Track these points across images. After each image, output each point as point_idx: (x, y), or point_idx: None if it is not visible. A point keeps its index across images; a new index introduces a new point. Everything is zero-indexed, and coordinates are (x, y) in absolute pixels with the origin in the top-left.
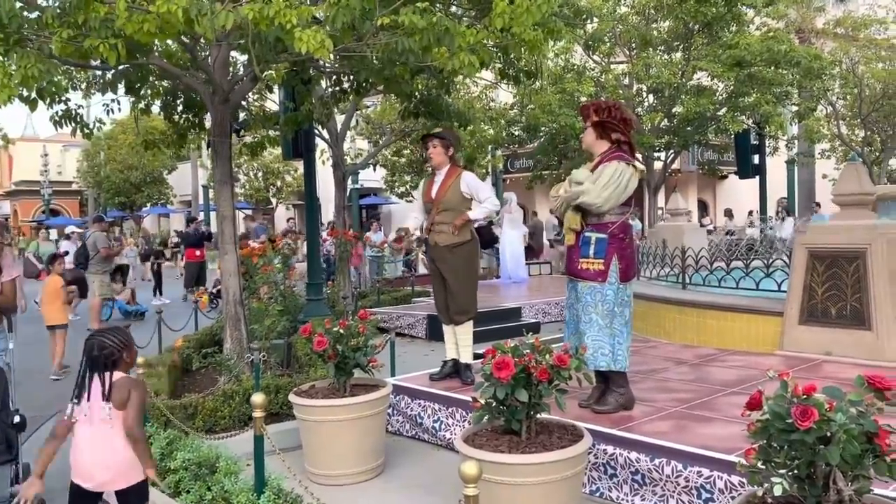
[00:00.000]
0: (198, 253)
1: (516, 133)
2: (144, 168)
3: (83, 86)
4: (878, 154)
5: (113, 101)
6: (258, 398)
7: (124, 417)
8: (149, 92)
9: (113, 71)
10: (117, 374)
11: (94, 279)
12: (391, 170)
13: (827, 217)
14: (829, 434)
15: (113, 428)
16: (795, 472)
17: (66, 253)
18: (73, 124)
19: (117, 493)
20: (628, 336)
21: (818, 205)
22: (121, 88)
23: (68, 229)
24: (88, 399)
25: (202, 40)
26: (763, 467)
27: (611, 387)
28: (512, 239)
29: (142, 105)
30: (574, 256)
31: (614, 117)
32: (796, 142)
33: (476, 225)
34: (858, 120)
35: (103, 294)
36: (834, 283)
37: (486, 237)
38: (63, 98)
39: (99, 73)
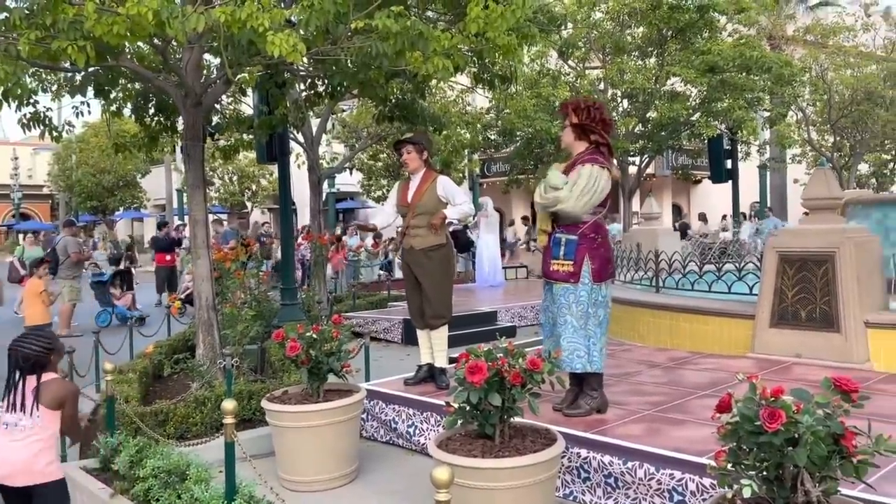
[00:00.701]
0: (168, 258)
1: (492, 137)
2: (117, 172)
3: (53, 88)
4: (847, 159)
5: (83, 103)
6: (229, 404)
7: (63, 420)
8: (120, 94)
9: (82, 73)
10: (48, 375)
11: (64, 284)
12: (367, 174)
13: (773, 221)
14: (796, 436)
15: (33, 427)
16: (764, 473)
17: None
18: (42, 127)
19: (32, 493)
20: (602, 337)
21: (770, 209)
22: (90, 91)
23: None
24: (18, 403)
25: (174, 43)
26: (733, 469)
27: (584, 389)
28: (489, 243)
29: (113, 108)
30: (547, 258)
31: (593, 118)
32: (768, 147)
33: (451, 229)
34: (828, 126)
35: (73, 299)
36: (804, 287)
37: (462, 241)
38: (31, 100)
39: (69, 74)
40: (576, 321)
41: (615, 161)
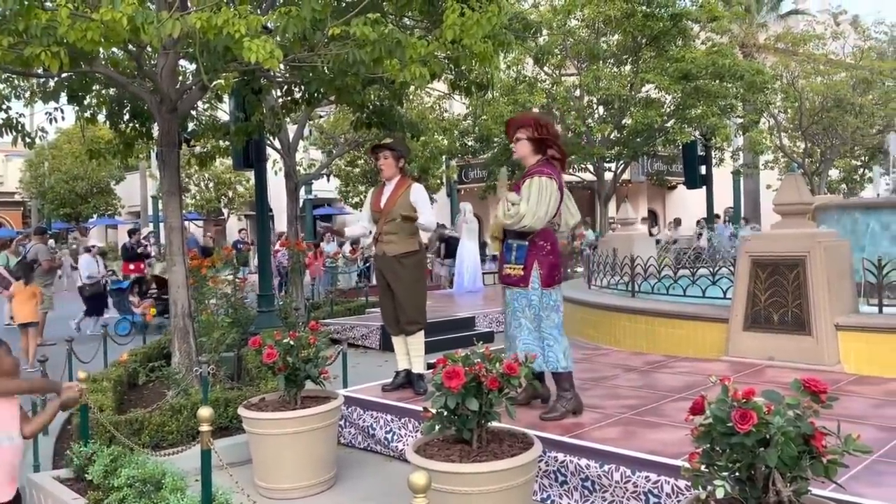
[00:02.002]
0: (131, 267)
1: (469, 143)
2: (90, 178)
3: (26, 94)
4: (817, 165)
5: (56, 109)
6: (205, 412)
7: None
8: (94, 100)
9: (56, 79)
10: None
11: None
12: (345, 180)
13: (723, 228)
14: (767, 437)
15: None
16: (737, 474)
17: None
18: (15, 133)
19: None
20: (562, 337)
21: (717, 216)
22: (64, 97)
23: (90, 242)
24: None
25: (149, 48)
26: (706, 470)
27: (558, 392)
28: (470, 249)
29: (87, 114)
30: (501, 263)
31: (552, 134)
32: (741, 153)
33: (447, 234)
34: (799, 132)
35: (45, 308)
36: (776, 290)
37: (452, 248)
38: (4, 106)
39: (42, 80)
40: (529, 324)
41: (590, 167)
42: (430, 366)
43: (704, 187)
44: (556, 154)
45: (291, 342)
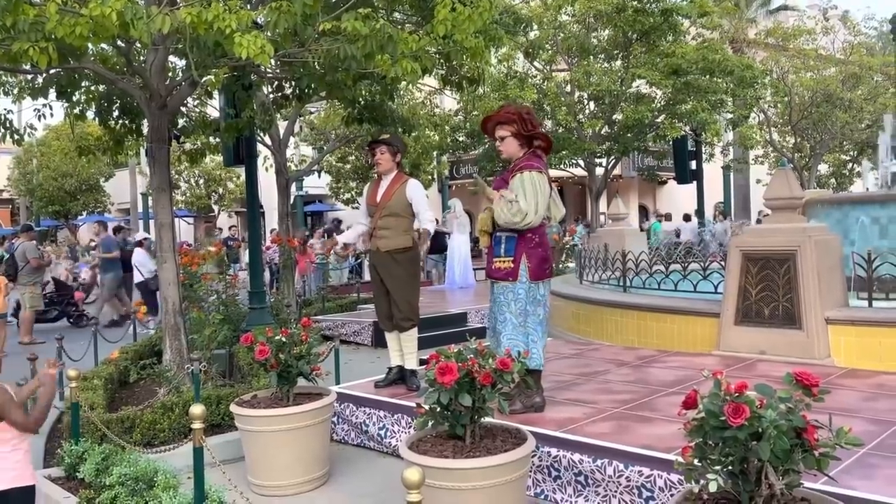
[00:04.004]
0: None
1: (460, 139)
2: (79, 175)
3: (14, 90)
4: (807, 160)
5: (45, 106)
6: (197, 409)
7: (13, 426)
8: (83, 97)
9: (44, 75)
10: None
11: (24, 291)
12: (336, 176)
13: (710, 224)
14: (760, 430)
15: None
16: (729, 468)
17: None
18: (3, 130)
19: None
20: (543, 335)
21: (690, 216)
22: (52, 93)
23: (139, 235)
24: None
25: (138, 44)
26: (699, 464)
27: (521, 387)
28: (460, 244)
29: (76, 110)
30: (490, 258)
31: (534, 125)
32: (731, 148)
33: (436, 229)
34: (789, 127)
35: (34, 306)
36: (766, 285)
37: (440, 242)
38: None
39: (30, 77)
40: (515, 318)
41: (581, 162)
42: (422, 362)
43: (695, 182)
44: (541, 143)
45: (284, 339)
